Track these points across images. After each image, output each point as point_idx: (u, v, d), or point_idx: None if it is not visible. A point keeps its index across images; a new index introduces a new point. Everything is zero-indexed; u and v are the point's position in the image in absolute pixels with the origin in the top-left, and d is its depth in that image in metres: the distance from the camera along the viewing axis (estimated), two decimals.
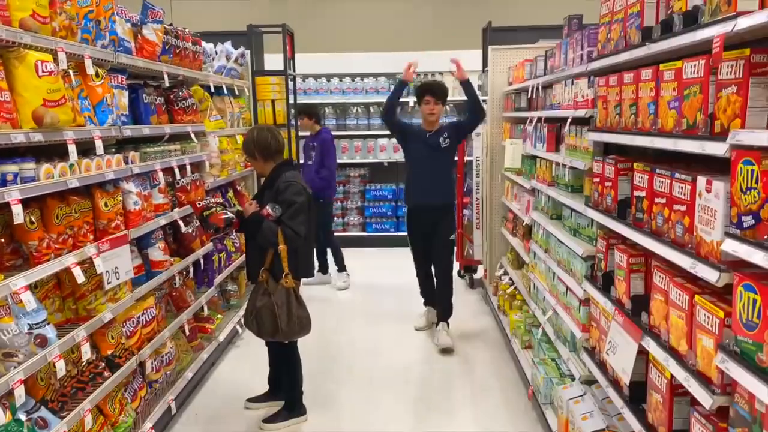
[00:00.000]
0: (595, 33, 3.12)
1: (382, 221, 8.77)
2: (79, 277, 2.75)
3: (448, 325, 5.07)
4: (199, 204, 3.61)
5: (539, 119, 4.35)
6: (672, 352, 2.14)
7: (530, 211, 4.54)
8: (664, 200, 2.24)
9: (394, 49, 8.85)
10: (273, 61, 6.97)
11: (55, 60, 2.61)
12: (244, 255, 5.54)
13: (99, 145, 2.96)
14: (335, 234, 8.59)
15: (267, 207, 3.49)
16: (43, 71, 2.47)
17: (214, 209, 3.55)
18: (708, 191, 1.91)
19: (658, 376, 2.26)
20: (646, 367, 2.40)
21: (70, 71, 2.88)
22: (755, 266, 1.66)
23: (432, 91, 4.92)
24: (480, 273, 6.59)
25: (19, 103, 2.43)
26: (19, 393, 2.33)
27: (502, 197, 5.95)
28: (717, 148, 1.82)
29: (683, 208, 2.08)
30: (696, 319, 1.98)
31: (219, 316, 4.94)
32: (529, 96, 4.83)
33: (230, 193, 5.42)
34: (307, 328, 3.64)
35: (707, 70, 1.93)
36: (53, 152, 2.82)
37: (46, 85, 2.49)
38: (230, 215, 3.55)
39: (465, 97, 4.97)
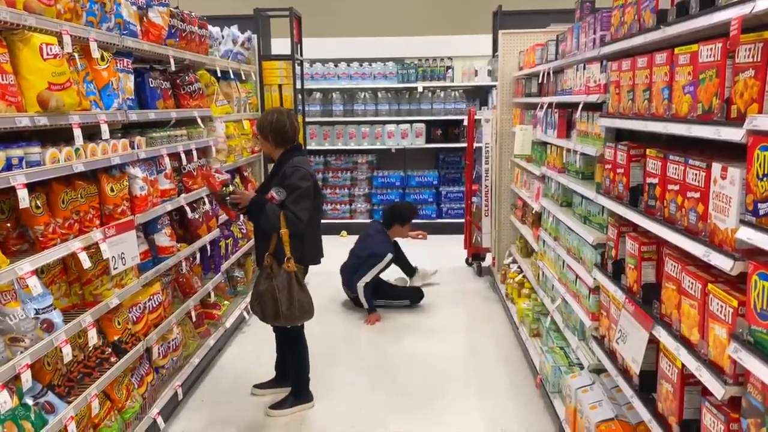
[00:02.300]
0: (608, 16, 3.07)
1: None
2: (86, 262, 2.75)
3: None
4: (218, 179, 3.63)
5: (550, 105, 4.31)
6: (683, 341, 2.12)
7: (540, 198, 4.51)
8: (677, 187, 2.21)
9: (402, 34, 8.79)
10: (280, 45, 6.93)
11: (60, 43, 2.60)
12: (251, 241, 5.59)
13: (105, 129, 2.95)
14: (342, 221, 8.63)
15: (272, 190, 3.51)
16: (48, 54, 2.46)
17: (231, 186, 3.59)
18: (723, 178, 1.88)
19: (669, 366, 2.24)
20: (657, 357, 2.38)
21: (76, 54, 2.87)
22: None
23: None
24: (488, 261, 6.58)
25: (24, 87, 2.42)
26: (26, 377, 2.34)
27: (512, 184, 5.92)
28: (733, 134, 1.79)
29: (697, 195, 2.06)
30: (709, 308, 1.96)
31: (226, 302, 4.96)
32: (539, 81, 4.78)
33: (237, 179, 5.42)
34: (310, 313, 3.65)
35: (724, 53, 1.89)
36: (59, 136, 2.81)
37: (51, 68, 2.47)
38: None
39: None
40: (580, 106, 3.49)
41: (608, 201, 2.92)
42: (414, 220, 6.06)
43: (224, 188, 3.57)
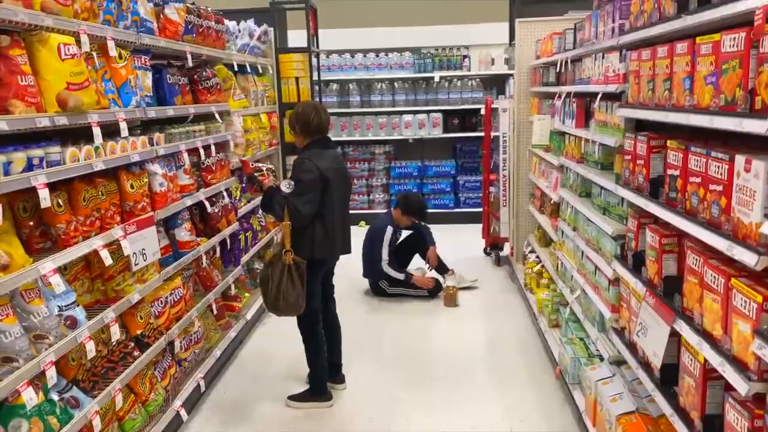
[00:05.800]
0: (627, 4, 3.00)
1: None
2: (107, 259, 2.76)
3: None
4: (252, 165, 3.88)
5: (568, 94, 4.23)
6: (706, 336, 2.08)
7: (558, 188, 4.45)
8: (699, 180, 2.15)
9: (418, 24, 8.71)
10: (296, 37, 6.90)
11: (78, 43, 2.60)
12: (270, 233, 5.60)
13: (123, 127, 2.95)
14: (360, 211, 8.61)
15: (282, 182, 3.59)
16: (66, 54, 2.46)
17: (263, 170, 3.80)
18: (747, 171, 1.82)
19: (691, 360, 2.20)
20: (678, 350, 2.34)
21: (94, 53, 2.87)
22: None
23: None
24: (506, 250, 6.53)
25: (43, 87, 2.42)
26: (51, 374, 2.36)
27: (529, 174, 5.85)
28: (757, 126, 1.73)
29: (720, 188, 2.00)
30: (732, 303, 1.91)
31: (246, 294, 4.97)
32: (557, 70, 4.70)
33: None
34: (295, 309, 3.62)
35: (748, 43, 1.83)
36: (79, 135, 2.82)
37: (69, 68, 2.47)
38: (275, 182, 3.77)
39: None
40: (599, 96, 3.42)
41: (628, 192, 2.87)
42: (429, 211, 6.10)
43: (256, 173, 3.77)
